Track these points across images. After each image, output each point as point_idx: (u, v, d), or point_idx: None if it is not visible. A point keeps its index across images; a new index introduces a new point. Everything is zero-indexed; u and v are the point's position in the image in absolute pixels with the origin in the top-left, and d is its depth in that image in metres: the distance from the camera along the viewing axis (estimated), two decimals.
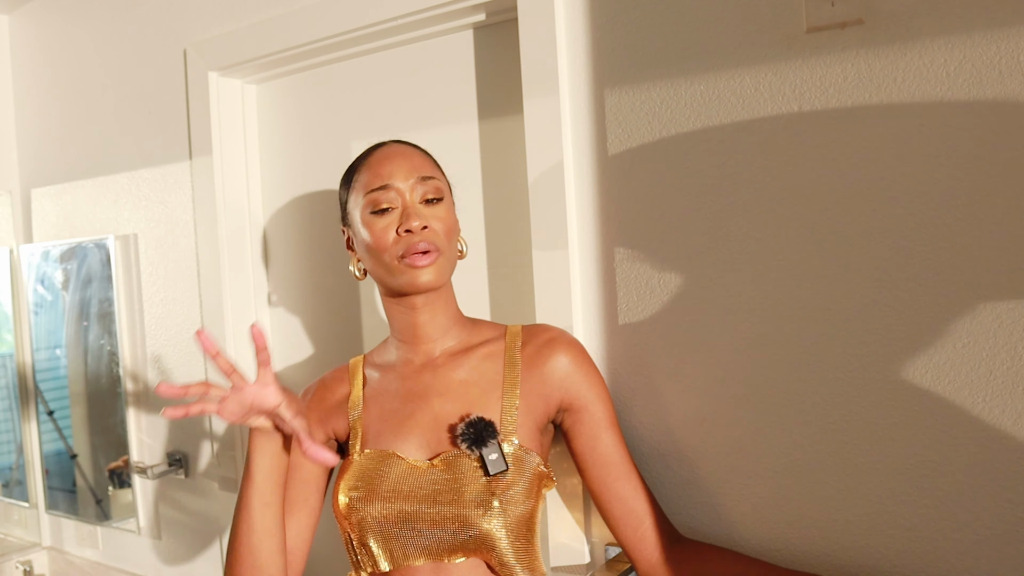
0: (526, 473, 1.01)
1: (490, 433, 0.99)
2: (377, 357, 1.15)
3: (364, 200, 1.05)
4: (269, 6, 1.51)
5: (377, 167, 1.06)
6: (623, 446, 1.07)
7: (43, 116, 2.01)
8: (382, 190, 1.04)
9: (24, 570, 2.01)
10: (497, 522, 0.98)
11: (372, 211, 1.04)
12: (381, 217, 1.04)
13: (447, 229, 1.05)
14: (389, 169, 1.05)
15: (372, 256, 1.06)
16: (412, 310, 1.08)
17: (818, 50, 0.97)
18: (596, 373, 1.08)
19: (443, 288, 1.08)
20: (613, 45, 1.13)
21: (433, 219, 1.04)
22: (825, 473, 1.00)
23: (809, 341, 1.00)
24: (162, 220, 1.75)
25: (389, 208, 1.04)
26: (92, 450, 1.92)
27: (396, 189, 1.04)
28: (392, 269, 1.04)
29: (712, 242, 1.06)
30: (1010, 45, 0.86)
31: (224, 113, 1.63)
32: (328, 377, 1.17)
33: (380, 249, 1.04)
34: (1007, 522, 0.89)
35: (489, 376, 1.06)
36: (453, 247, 1.08)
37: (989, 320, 0.89)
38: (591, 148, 1.15)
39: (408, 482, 1.01)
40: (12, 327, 2.04)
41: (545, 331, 1.10)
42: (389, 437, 1.06)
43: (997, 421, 0.89)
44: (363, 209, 1.05)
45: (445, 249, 1.05)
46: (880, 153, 0.94)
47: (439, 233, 1.04)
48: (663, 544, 1.04)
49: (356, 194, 1.07)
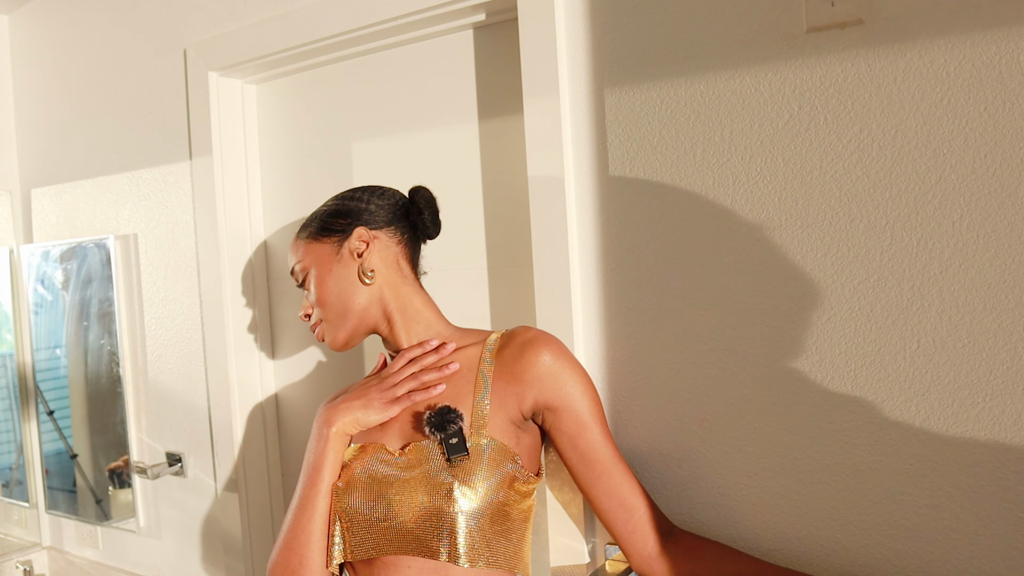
0: (493, 465, 1.03)
1: (451, 419, 1.03)
2: (376, 372, 1.22)
3: None
4: (269, 6, 1.51)
5: None
6: (609, 442, 1.07)
7: (43, 116, 2.01)
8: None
9: (24, 570, 2.01)
10: (457, 506, 1.00)
11: None
12: None
13: (319, 300, 1.17)
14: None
15: None
16: (386, 339, 1.19)
17: (818, 50, 0.97)
18: (577, 372, 1.09)
19: (380, 320, 1.17)
20: (613, 45, 1.13)
21: (306, 304, 1.20)
22: (825, 473, 1.00)
23: (809, 341, 1.00)
24: (162, 220, 1.75)
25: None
26: (92, 450, 1.92)
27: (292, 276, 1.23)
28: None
29: (712, 242, 1.06)
30: (1010, 45, 0.86)
31: (224, 113, 1.63)
32: (339, 395, 1.22)
33: None
34: (1007, 522, 0.89)
35: (464, 375, 1.10)
36: (336, 304, 1.16)
37: (989, 320, 0.89)
38: (591, 148, 1.15)
39: (380, 469, 1.06)
40: (12, 327, 2.04)
41: (523, 333, 1.12)
42: (372, 433, 1.12)
43: (997, 421, 0.89)
44: None
45: (324, 318, 1.18)
46: (880, 153, 0.94)
47: (312, 312, 1.19)
48: (656, 537, 1.05)
49: None
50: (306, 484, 1.08)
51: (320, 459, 1.08)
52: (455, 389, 1.09)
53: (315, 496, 1.07)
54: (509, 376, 1.08)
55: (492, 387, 1.08)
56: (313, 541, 1.06)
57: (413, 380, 1.10)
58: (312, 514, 1.07)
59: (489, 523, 1.01)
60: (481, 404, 1.07)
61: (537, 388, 1.07)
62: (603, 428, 1.08)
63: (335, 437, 1.09)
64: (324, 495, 1.07)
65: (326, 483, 1.07)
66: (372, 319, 1.16)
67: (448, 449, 1.01)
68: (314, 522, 1.06)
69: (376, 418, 1.09)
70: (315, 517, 1.07)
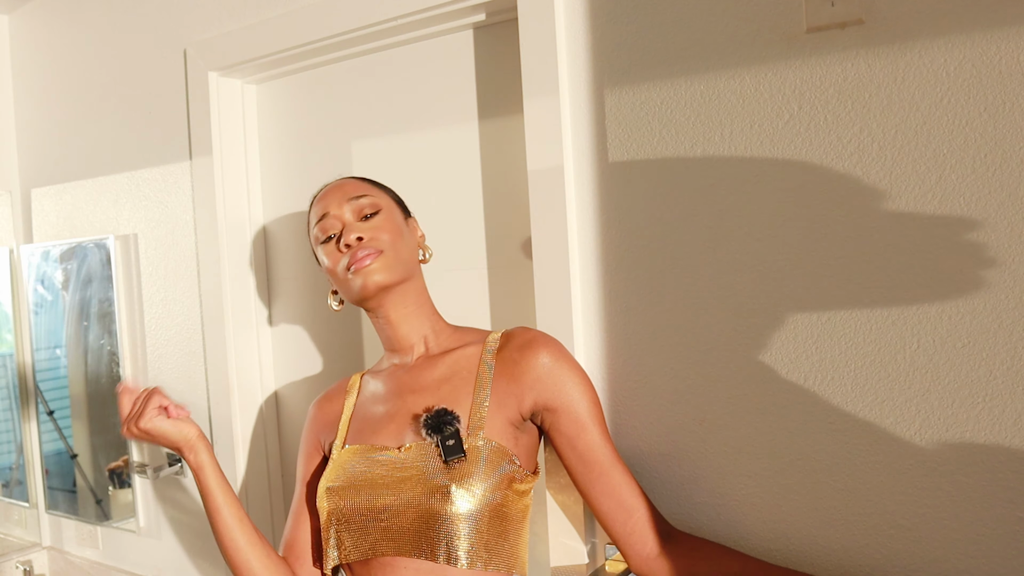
0: (491, 467, 1.02)
1: (448, 421, 1.03)
2: (374, 368, 1.23)
3: (313, 234, 1.17)
4: (269, 6, 1.51)
5: (318, 204, 1.18)
6: (608, 443, 1.07)
7: (43, 116, 2.01)
8: (323, 219, 1.15)
9: (24, 570, 2.01)
10: (454, 508, 1.00)
11: (321, 241, 1.15)
12: (329, 244, 1.15)
13: (389, 233, 1.13)
14: (326, 201, 1.16)
15: (334, 280, 1.16)
16: (387, 321, 1.16)
17: (818, 50, 0.97)
18: (576, 373, 1.09)
19: (408, 291, 1.14)
20: (613, 45, 1.13)
21: (370, 230, 1.12)
22: (825, 473, 1.00)
23: (809, 341, 1.00)
24: (162, 220, 1.75)
25: (333, 234, 1.14)
26: (92, 450, 1.92)
27: (334, 215, 1.14)
28: (346, 282, 1.12)
29: (712, 242, 1.06)
30: (1010, 45, 0.86)
31: (224, 113, 1.63)
32: (331, 390, 1.25)
33: (333, 270, 1.14)
34: (1007, 522, 0.89)
35: (463, 375, 1.10)
36: (402, 247, 1.14)
37: (989, 320, 0.89)
38: (591, 148, 1.15)
39: (376, 470, 1.06)
40: (12, 327, 2.04)
41: (523, 333, 1.12)
42: (367, 433, 1.12)
43: (997, 421, 0.89)
44: (315, 242, 1.17)
45: (389, 249, 1.11)
46: (880, 153, 0.94)
47: (379, 238, 1.11)
48: (655, 538, 1.05)
49: (310, 233, 1.19)
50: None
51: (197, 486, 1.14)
52: (454, 390, 1.09)
53: (209, 518, 1.12)
54: (509, 377, 1.08)
55: (492, 388, 1.08)
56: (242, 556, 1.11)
57: None
58: (226, 535, 1.11)
59: (487, 524, 1.01)
60: (480, 405, 1.07)
61: (537, 389, 1.07)
62: (602, 429, 1.08)
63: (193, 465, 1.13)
64: (214, 515, 1.11)
65: (214, 502, 1.11)
66: (413, 285, 1.15)
67: (444, 451, 1.01)
68: (236, 540, 1.11)
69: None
70: (233, 536, 1.11)
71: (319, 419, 1.22)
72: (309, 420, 1.24)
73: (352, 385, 1.22)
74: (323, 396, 1.25)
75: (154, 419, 1.09)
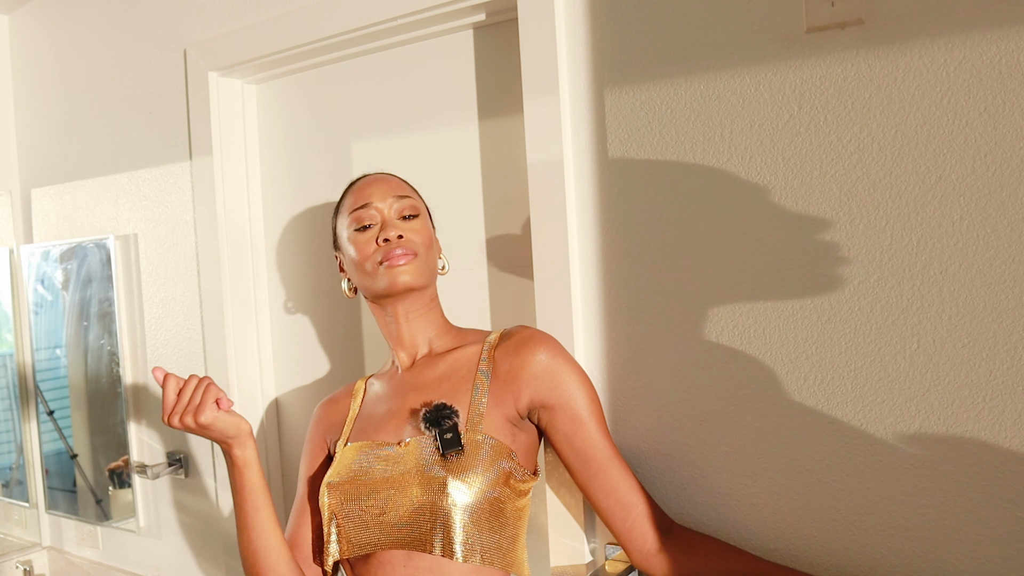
0: (489, 461, 1.03)
1: (447, 415, 1.03)
2: (379, 371, 1.24)
3: (348, 219, 1.16)
4: (269, 6, 1.51)
5: (359, 191, 1.18)
6: (606, 439, 1.08)
7: (43, 116, 2.01)
8: (363, 208, 1.15)
9: (24, 570, 2.01)
10: (451, 500, 1.00)
11: (356, 228, 1.15)
12: (363, 233, 1.14)
13: (424, 239, 1.15)
14: (369, 191, 1.17)
15: (358, 269, 1.16)
16: (395, 319, 1.16)
17: (818, 50, 0.97)
18: (572, 370, 1.09)
19: (424, 295, 1.16)
20: (613, 45, 1.13)
21: (409, 231, 1.14)
22: (825, 473, 1.00)
23: (809, 341, 1.00)
24: (162, 220, 1.75)
25: (370, 224, 1.14)
26: (92, 450, 1.92)
27: (376, 208, 1.15)
28: (373, 274, 1.13)
29: (712, 242, 1.06)
30: (1010, 45, 0.86)
31: (224, 113, 1.63)
32: (336, 394, 1.26)
33: (363, 259, 1.14)
34: (1007, 522, 0.89)
35: (462, 373, 1.11)
36: (431, 255, 1.17)
37: (989, 320, 0.89)
38: (591, 148, 1.15)
39: (376, 466, 1.07)
40: (12, 327, 2.04)
41: (520, 332, 1.13)
42: (370, 431, 1.13)
43: (997, 421, 0.89)
44: (348, 228, 1.16)
45: (422, 254, 1.14)
46: (880, 153, 0.94)
47: (415, 241, 1.14)
48: (655, 533, 1.05)
49: (343, 217, 1.18)
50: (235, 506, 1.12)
51: (231, 482, 1.11)
52: (453, 387, 1.10)
53: (242, 516, 1.10)
54: (505, 374, 1.08)
55: (490, 385, 1.08)
56: (273, 558, 1.10)
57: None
58: (260, 535, 1.10)
59: (483, 518, 1.02)
60: (478, 402, 1.07)
61: (533, 387, 1.07)
62: (600, 425, 1.08)
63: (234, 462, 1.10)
64: (252, 513, 1.09)
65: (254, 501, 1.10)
66: (429, 292, 1.17)
67: (443, 444, 1.02)
68: (270, 541, 1.10)
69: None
70: (267, 536, 1.10)
71: (324, 420, 1.23)
72: (314, 421, 1.24)
73: (357, 389, 1.23)
74: (328, 399, 1.26)
75: (214, 412, 1.04)
